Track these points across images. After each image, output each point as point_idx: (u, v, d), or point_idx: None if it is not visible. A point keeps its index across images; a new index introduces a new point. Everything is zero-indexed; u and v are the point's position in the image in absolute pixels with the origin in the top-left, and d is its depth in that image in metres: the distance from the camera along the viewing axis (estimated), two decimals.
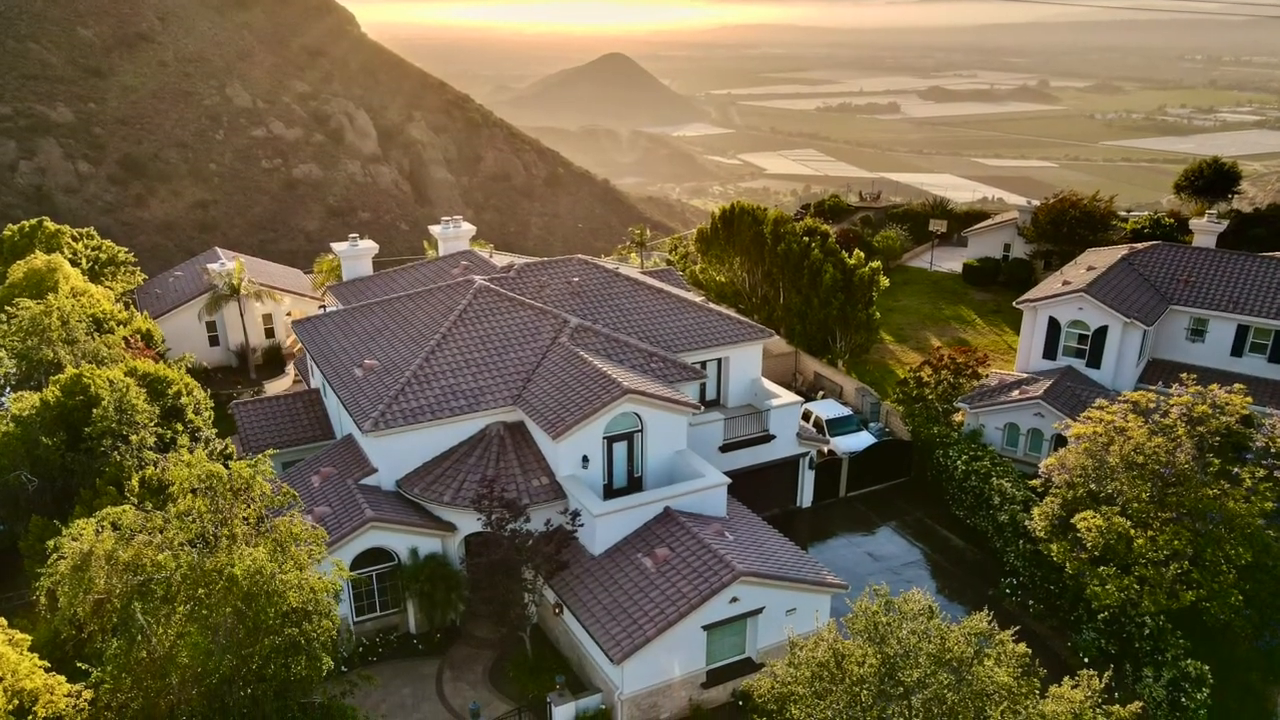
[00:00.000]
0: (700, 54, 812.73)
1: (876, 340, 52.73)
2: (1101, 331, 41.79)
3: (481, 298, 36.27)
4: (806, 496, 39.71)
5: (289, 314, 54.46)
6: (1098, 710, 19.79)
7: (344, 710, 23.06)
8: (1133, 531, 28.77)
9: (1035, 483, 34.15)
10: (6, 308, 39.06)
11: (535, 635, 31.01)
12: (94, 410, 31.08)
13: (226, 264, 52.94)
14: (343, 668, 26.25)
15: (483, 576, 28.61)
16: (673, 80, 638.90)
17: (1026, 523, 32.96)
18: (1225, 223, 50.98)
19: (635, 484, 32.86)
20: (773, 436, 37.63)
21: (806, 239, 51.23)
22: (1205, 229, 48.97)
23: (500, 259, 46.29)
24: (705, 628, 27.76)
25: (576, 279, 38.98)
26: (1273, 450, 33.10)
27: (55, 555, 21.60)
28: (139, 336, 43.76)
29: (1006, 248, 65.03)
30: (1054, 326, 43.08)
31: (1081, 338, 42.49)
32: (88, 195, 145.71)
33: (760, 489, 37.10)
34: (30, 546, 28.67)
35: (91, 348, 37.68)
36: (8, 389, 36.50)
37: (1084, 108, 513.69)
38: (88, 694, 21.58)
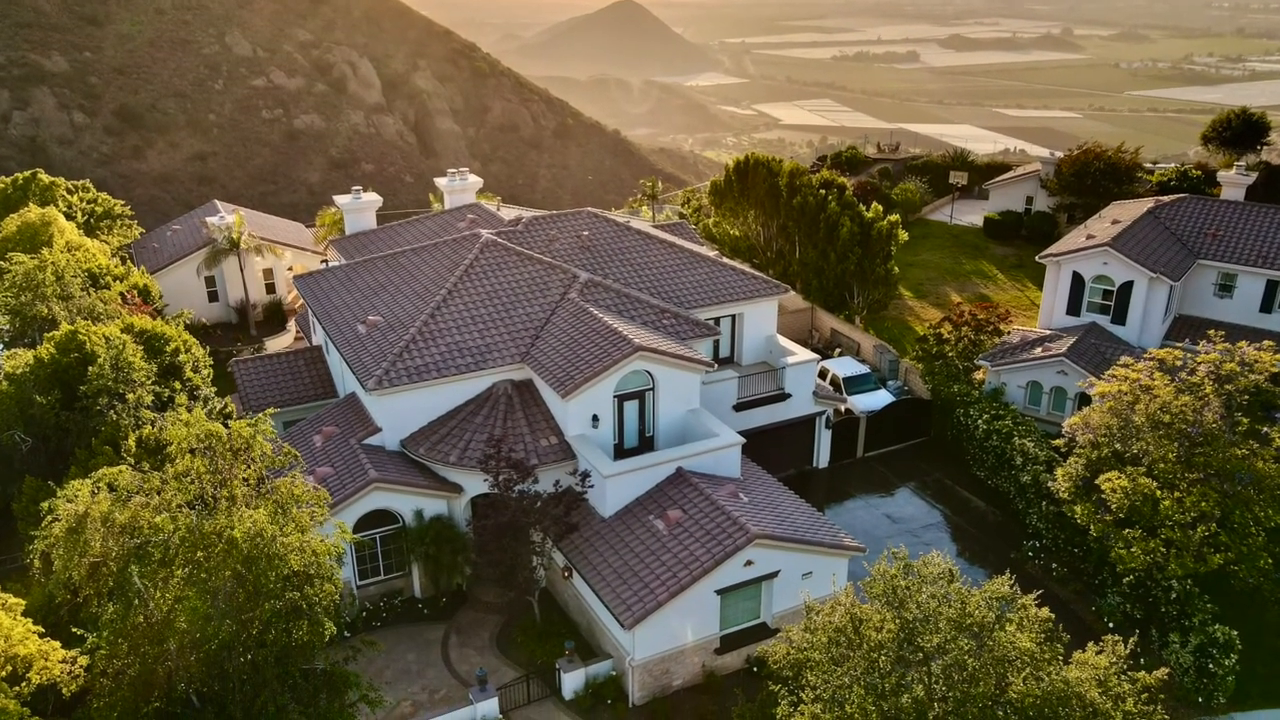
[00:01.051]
0: (714, 1, 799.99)
1: (895, 296, 52.45)
2: (1127, 287, 41.20)
3: (488, 252, 35.76)
4: (823, 457, 39.41)
5: (290, 269, 54.07)
6: (1123, 677, 19.46)
7: (347, 676, 22.84)
8: (1159, 493, 28.49)
9: (1059, 443, 33.89)
10: (0, 262, 38.43)
11: (543, 599, 30.86)
12: (89, 368, 30.74)
13: (226, 217, 52.50)
14: (345, 633, 26.25)
15: (489, 539, 28.26)
16: (685, 28, 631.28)
17: (1050, 484, 32.61)
18: (1254, 175, 50.15)
19: (647, 444, 32.60)
20: (788, 395, 37.23)
21: (823, 191, 50.89)
22: (1233, 181, 48.11)
23: (508, 212, 45.97)
24: (719, 592, 27.45)
25: (586, 233, 38.47)
26: None
27: (50, 517, 21.25)
28: (136, 292, 43.30)
29: (1029, 201, 64.49)
30: (1078, 282, 42.49)
31: (1106, 293, 41.94)
32: (83, 147, 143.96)
33: (775, 449, 36.79)
34: (24, 508, 28.41)
35: (87, 304, 37.29)
36: (1, 346, 36.03)
37: (1108, 56, 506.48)
38: (83, 660, 21.46)
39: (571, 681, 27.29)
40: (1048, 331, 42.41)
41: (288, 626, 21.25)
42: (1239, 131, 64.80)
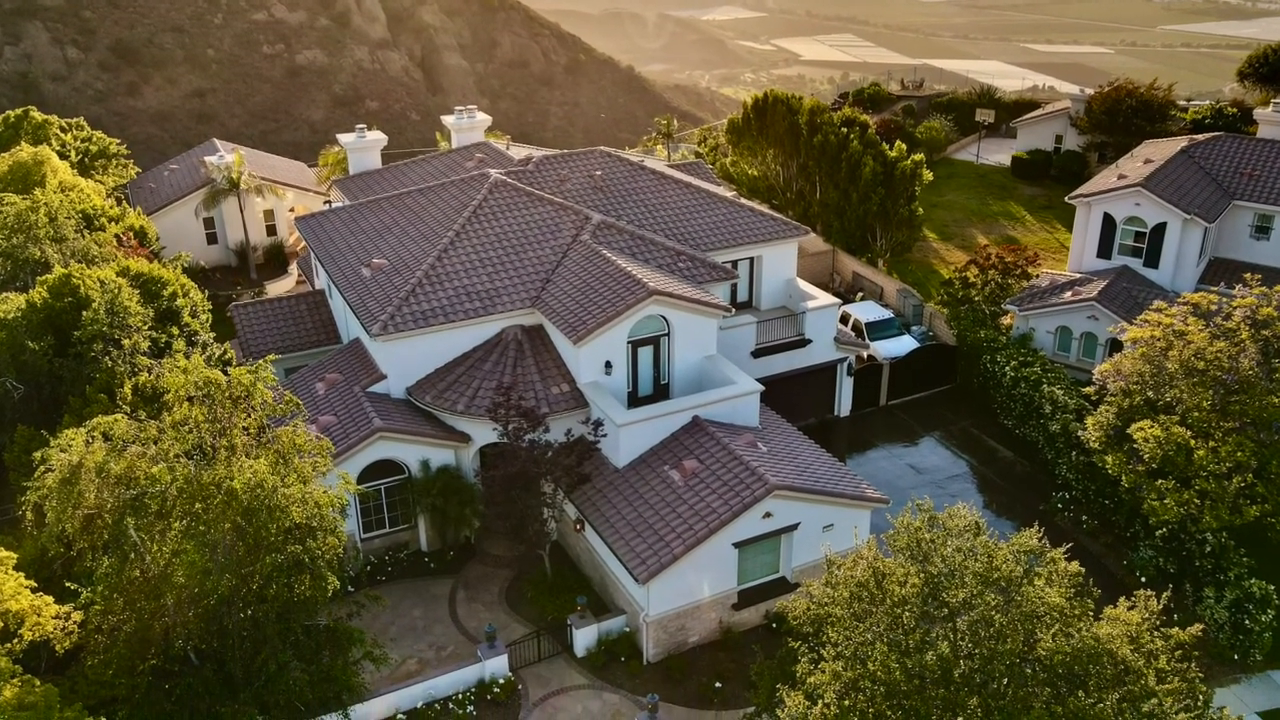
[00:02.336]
0: None
1: (919, 238, 52.45)
2: (1160, 229, 40.61)
3: (497, 193, 35.31)
4: (844, 405, 39.19)
5: (292, 210, 53.51)
6: (1156, 633, 18.93)
7: (350, 632, 22.88)
8: (1193, 442, 28.03)
9: (1089, 390, 33.69)
10: None
11: (554, 553, 30.63)
12: (84, 313, 30.30)
13: (225, 156, 51.99)
14: (349, 588, 26.03)
15: (499, 490, 28.00)
16: None
17: (1080, 433, 32.23)
18: None
19: (662, 392, 32.40)
20: (809, 341, 36.89)
21: (844, 130, 50.62)
22: (1270, 119, 46.82)
23: (517, 151, 45.49)
24: (736, 545, 27.16)
25: (599, 172, 38.05)
26: None
27: (42, 467, 20.96)
28: (132, 234, 42.87)
29: (1058, 139, 64.28)
30: (1109, 223, 41.91)
31: (1138, 235, 41.40)
32: (77, 83, 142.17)
33: (795, 397, 36.56)
34: (16, 458, 28.14)
35: (81, 246, 36.86)
36: None
37: None
38: (77, 615, 21.36)
39: (584, 638, 27.09)
40: (1077, 275, 41.93)
41: (289, 581, 21.15)
42: (1276, 67, 64.09)
